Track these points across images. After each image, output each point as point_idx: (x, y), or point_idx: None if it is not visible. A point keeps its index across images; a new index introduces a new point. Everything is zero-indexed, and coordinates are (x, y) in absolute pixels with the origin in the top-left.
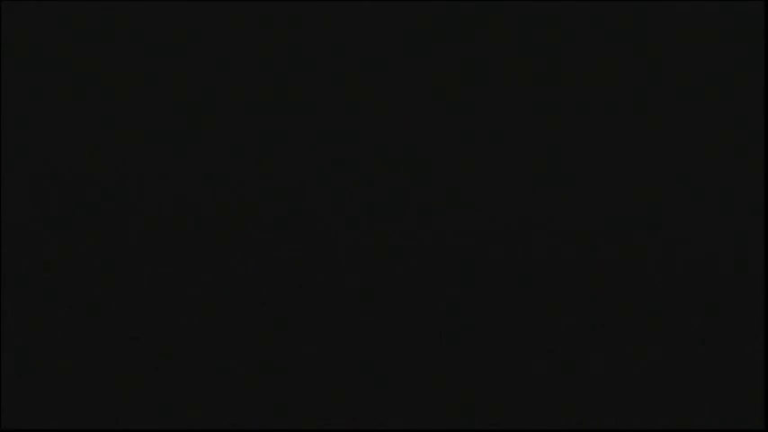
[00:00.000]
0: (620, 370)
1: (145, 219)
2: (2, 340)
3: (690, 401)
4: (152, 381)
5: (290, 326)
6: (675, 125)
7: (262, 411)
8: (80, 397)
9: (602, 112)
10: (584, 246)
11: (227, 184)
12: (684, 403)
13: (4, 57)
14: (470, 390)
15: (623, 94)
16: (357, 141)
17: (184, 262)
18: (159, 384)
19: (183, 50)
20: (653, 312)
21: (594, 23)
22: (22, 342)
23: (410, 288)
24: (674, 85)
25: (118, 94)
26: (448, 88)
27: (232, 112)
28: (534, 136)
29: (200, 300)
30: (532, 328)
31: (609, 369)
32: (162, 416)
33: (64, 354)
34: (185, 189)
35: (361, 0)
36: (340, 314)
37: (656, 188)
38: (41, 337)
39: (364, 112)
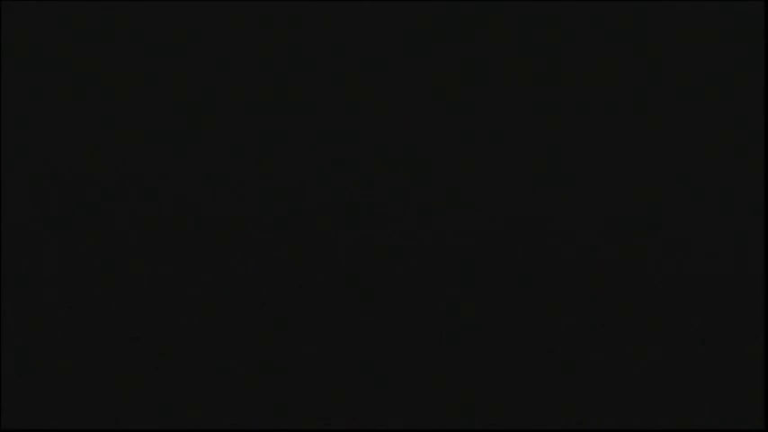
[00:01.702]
0: (620, 370)
1: (145, 219)
2: (2, 340)
3: (690, 401)
4: (152, 381)
5: (290, 326)
6: (675, 125)
7: (262, 411)
8: (80, 397)
9: (602, 112)
10: (585, 246)
11: (228, 184)
12: (684, 403)
13: (4, 57)
14: (470, 390)
15: (623, 94)
16: (357, 141)
17: (184, 262)
18: (159, 384)
19: (183, 50)
20: (653, 312)
21: (594, 23)
22: (22, 342)
23: (410, 288)
24: (674, 85)
25: (118, 94)
26: (448, 88)
27: (232, 112)
28: (534, 136)
29: (201, 300)
30: (532, 328)
31: (609, 369)
32: (162, 416)
33: (64, 354)
34: (185, 189)
35: (362, 0)
36: (340, 314)
37: (656, 188)
38: (41, 337)
39: (364, 112)
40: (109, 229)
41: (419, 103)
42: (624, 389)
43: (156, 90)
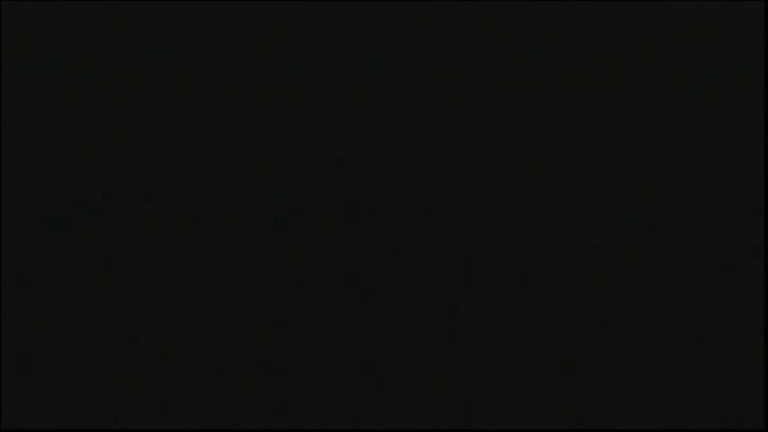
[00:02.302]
0: (620, 370)
1: (145, 219)
2: (2, 340)
3: (690, 401)
4: (152, 381)
5: (290, 326)
6: (675, 125)
7: (262, 411)
8: (80, 397)
9: (602, 112)
10: (585, 246)
11: (228, 184)
12: (684, 403)
13: (4, 57)
14: (470, 390)
15: (623, 94)
16: (357, 141)
17: (184, 262)
18: (159, 384)
19: (183, 50)
20: (653, 312)
21: (594, 23)
22: (22, 342)
23: (410, 288)
24: (674, 85)
25: (118, 94)
26: (448, 88)
27: (232, 112)
28: (534, 136)
29: (201, 300)
30: (532, 328)
31: (609, 369)
32: (162, 416)
33: (64, 354)
34: (185, 189)
35: (362, 0)
36: (340, 314)
37: (656, 188)
38: (41, 337)
39: (364, 112)
40: (109, 229)
41: (419, 103)
42: (624, 389)
43: (156, 90)
